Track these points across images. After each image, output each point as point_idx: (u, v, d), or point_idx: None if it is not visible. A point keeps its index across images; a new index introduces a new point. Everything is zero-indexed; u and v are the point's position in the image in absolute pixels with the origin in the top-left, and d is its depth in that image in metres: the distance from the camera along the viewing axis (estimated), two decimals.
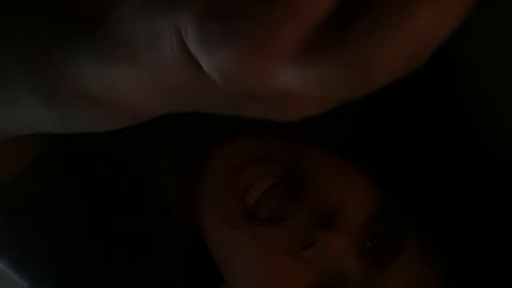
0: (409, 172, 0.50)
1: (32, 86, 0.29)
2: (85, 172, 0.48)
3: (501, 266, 0.47)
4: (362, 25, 0.19)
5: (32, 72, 0.28)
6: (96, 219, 0.49)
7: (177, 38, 0.22)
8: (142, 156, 0.51)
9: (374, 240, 0.47)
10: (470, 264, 0.47)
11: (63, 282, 0.48)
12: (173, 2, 0.22)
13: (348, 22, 0.20)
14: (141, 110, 0.27)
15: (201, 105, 0.25)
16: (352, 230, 0.46)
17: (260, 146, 0.49)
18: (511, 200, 0.48)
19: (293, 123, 0.24)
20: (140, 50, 0.24)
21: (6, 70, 0.30)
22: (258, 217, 0.48)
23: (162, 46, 0.23)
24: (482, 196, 0.48)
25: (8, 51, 0.30)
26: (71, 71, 0.27)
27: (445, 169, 0.50)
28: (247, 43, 0.19)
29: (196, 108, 0.25)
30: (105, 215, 0.49)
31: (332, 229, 0.46)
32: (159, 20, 0.22)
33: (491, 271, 0.47)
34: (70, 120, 0.29)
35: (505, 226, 0.47)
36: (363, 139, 0.51)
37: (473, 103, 0.48)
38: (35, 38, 0.29)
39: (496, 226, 0.48)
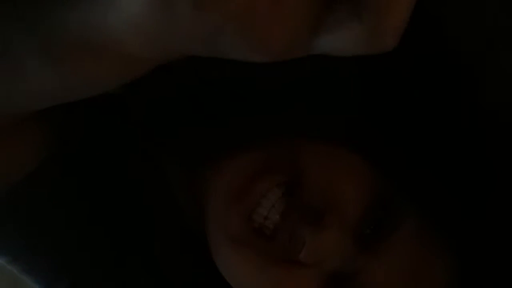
0: (408, 151, 0.48)
1: (36, 45, 0.29)
2: (87, 173, 0.48)
3: (508, 240, 0.46)
4: None
5: (35, 30, 0.29)
6: (101, 220, 0.49)
7: None
8: (144, 156, 0.51)
9: (373, 226, 0.46)
10: (476, 245, 0.46)
11: (76, 284, 0.48)
12: None
13: None
14: (139, 54, 0.27)
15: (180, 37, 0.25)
16: (349, 222, 0.45)
17: (262, 158, 0.47)
18: None
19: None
20: None
21: (9, 32, 0.30)
22: (264, 232, 0.47)
23: None
24: (484, 171, 0.47)
25: (10, 11, 0.30)
26: (73, 23, 0.27)
27: (443, 144, 0.48)
28: None
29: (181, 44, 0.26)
30: (109, 216, 0.49)
31: (321, 226, 0.44)
32: None
33: (497, 247, 0.46)
34: (76, 77, 0.29)
35: (508, 202, 0.46)
36: (360, 124, 0.49)
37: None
38: None
39: (499, 202, 0.47)
